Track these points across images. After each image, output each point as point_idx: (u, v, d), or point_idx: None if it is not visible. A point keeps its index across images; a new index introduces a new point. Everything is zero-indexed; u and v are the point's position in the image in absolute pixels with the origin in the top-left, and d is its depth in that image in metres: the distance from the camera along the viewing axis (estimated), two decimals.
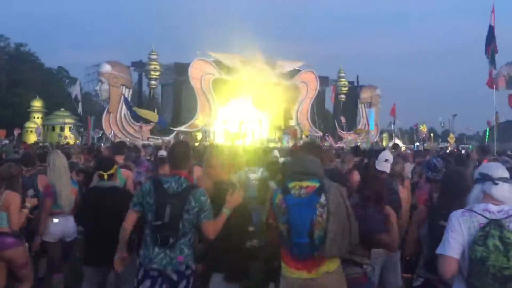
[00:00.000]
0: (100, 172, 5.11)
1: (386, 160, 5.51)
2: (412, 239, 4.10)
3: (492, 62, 17.57)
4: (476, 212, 2.92)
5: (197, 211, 3.94)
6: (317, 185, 3.64)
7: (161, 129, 38.36)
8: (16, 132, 35.54)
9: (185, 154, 4.14)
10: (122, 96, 38.94)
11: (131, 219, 4.05)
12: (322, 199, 3.55)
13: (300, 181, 3.69)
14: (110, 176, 5.08)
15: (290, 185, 3.71)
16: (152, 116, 35.15)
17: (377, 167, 5.55)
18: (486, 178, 2.99)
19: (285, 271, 3.72)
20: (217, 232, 4.00)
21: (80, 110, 38.19)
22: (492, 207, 2.93)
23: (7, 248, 5.23)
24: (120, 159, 7.36)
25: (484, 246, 2.77)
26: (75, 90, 38.73)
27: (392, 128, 40.78)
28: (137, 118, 38.77)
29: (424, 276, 3.87)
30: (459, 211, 2.96)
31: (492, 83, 17.49)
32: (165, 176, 4.11)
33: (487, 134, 24.34)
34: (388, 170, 5.45)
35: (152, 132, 38.68)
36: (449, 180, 3.96)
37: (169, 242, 3.88)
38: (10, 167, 5.56)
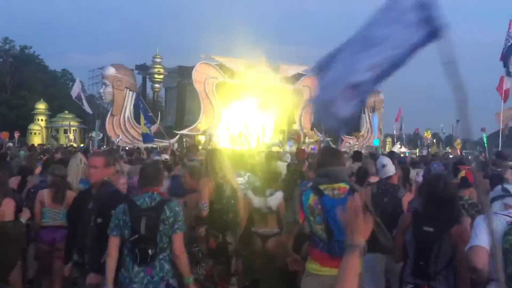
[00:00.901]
0: None
1: (383, 166, 5.47)
2: (398, 245, 4.09)
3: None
4: (500, 214, 3.17)
5: (172, 221, 3.98)
6: (347, 186, 3.94)
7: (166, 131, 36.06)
8: (16, 134, 35.18)
9: (155, 172, 4.24)
10: (134, 97, 36.64)
11: (113, 245, 3.98)
12: None
13: (331, 184, 3.91)
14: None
15: (322, 186, 3.90)
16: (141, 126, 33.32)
17: (380, 175, 5.53)
18: (506, 194, 3.33)
19: (315, 270, 3.90)
20: (181, 254, 4.01)
21: (87, 107, 35.09)
22: None
23: (60, 240, 5.86)
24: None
25: None
26: (76, 90, 35.37)
27: (399, 133, 40.21)
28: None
29: (413, 282, 3.84)
30: (482, 216, 3.22)
31: (502, 91, 17.53)
32: (136, 195, 4.15)
33: (485, 140, 24.53)
34: (390, 174, 5.41)
35: (155, 134, 33.89)
36: (432, 186, 3.91)
37: (148, 255, 3.89)
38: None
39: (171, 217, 3.97)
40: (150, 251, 3.87)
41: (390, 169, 5.54)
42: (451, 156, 22.79)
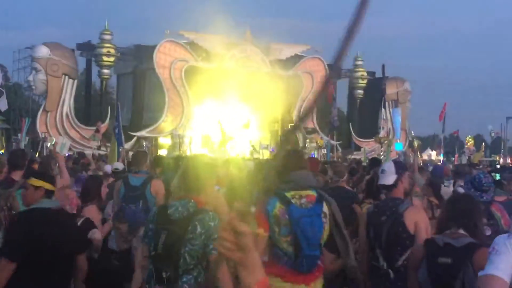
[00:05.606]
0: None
1: (382, 172, 5.44)
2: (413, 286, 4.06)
3: None
4: None
5: (203, 239, 3.92)
6: (315, 194, 4.37)
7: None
8: None
9: (199, 176, 4.16)
10: (75, 86, 38.20)
11: (142, 254, 4.27)
12: (324, 208, 4.35)
13: (297, 191, 4.32)
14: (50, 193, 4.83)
15: (288, 194, 4.28)
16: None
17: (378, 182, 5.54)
18: None
19: (279, 285, 4.19)
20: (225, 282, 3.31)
21: (3, 103, 34.04)
22: None
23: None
24: (18, 175, 6.42)
25: None
26: None
27: (441, 137, 38.94)
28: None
29: None
30: (504, 235, 3.21)
31: None
32: (173, 200, 4.22)
33: None
34: (386, 183, 5.36)
35: (103, 136, 37.31)
36: (456, 207, 4.09)
37: (162, 277, 3.95)
38: None
39: (202, 234, 3.91)
40: (164, 274, 3.94)
41: (388, 177, 5.42)
42: (498, 166, 21.35)
